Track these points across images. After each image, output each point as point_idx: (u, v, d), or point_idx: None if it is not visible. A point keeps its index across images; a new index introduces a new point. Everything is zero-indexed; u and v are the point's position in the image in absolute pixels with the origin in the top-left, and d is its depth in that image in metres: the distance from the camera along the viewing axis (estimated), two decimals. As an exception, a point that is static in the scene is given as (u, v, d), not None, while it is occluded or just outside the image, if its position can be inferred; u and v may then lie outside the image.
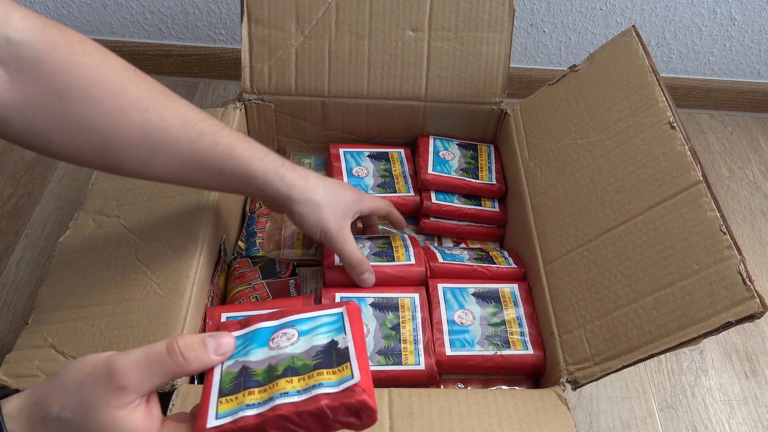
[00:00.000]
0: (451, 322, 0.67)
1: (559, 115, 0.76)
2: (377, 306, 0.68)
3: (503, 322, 0.68)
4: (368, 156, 0.86)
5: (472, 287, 0.71)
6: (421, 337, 0.66)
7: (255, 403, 0.38)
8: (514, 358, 0.66)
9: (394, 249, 0.72)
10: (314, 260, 0.76)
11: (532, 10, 1.10)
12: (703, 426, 0.79)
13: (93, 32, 1.13)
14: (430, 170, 0.82)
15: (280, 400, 0.37)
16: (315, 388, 0.38)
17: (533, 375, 0.68)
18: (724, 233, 0.54)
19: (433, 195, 0.81)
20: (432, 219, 0.81)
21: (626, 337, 0.57)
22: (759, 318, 0.50)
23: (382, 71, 0.82)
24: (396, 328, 0.66)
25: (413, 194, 0.82)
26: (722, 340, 0.88)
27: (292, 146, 0.90)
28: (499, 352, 0.66)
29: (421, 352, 0.65)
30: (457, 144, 0.88)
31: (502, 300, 0.70)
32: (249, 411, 0.38)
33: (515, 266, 0.74)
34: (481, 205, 0.83)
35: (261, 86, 0.82)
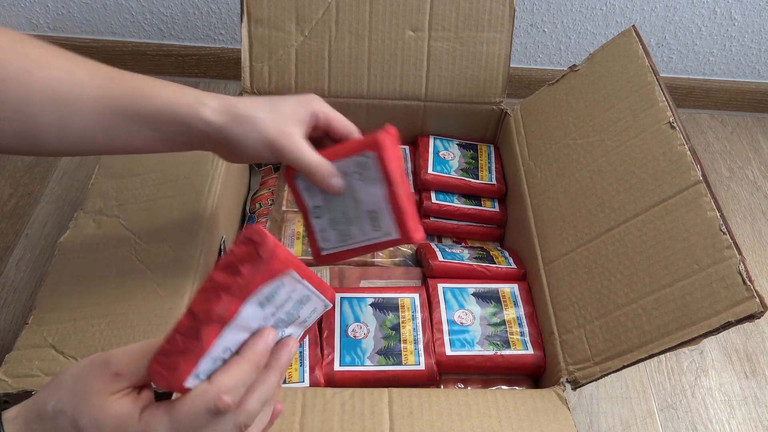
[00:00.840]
0: (451, 322, 0.67)
1: (559, 115, 0.76)
2: (377, 306, 0.68)
3: (503, 322, 0.68)
4: None
5: (472, 287, 0.71)
6: (421, 337, 0.66)
7: None
8: (514, 358, 0.66)
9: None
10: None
11: (532, 10, 1.10)
12: (703, 426, 0.79)
13: (93, 32, 1.13)
14: (430, 170, 0.82)
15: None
16: None
17: (533, 375, 0.68)
18: (724, 233, 0.54)
19: (433, 195, 0.81)
20: (432, 219, 0.81)
21: (626, 337, 0.57)
22: (759, 318, 0.50)
23: (382, 71, 0.82)
24: (396, 328, 0.66)
25: (413, 192, 0.83)
26: (722, 340, 0.88)
27: (292, 146, 0.90)
28: (499, 352, 0.66)
29: (421, 352, 0.65)
30: (457, 144, 0.88)
31: (502, 300, 0.70)
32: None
33: (515, 266, 0.74)
34: (481, 205, 0.83)
35: (261, 86, 0.82)
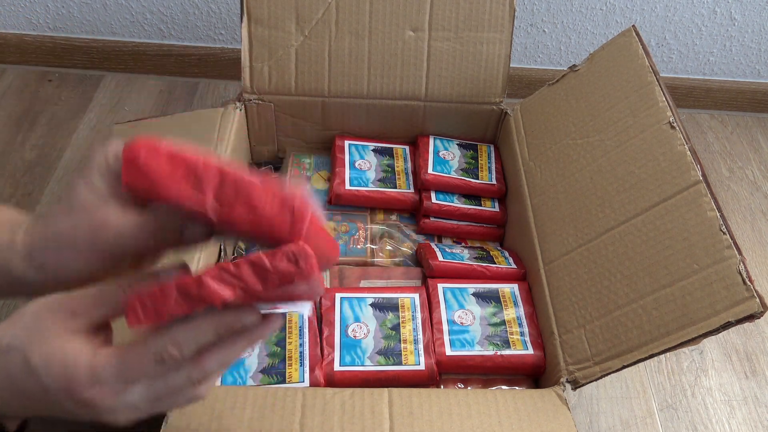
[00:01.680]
0: (451, 322, 0.67)
1: (559, 115, 0.76)
2: (377, 306, 0.68)
3: (503, 322, 0.68)
4: (373, 150, 0.86)
5: (472, 287, 0.71)
6: (421, 337, 0.66)
7: None
8: (514, 358, 0.66)
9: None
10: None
11: (532, 10, 1.10)
12: (703, 426, 0.79)
13: (93, 32, 1.13)
14: (430, 170, 0.82)
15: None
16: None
17: (533, 375, 0.68)
18: (724, 233, 0.54)
19: (433, 195, 0.81)
20: (432, 219, 0.81)
21: (626, 337, 0.57)
22: (759, 318, 0.50)
23: (382, 71, 0.82)
24: (396, 328, 0.66)
25: (413, 192, 0.83)
26: (722, 340, 0.88)
27: (292, 146, 0.90)
28: (499, 352, 0.66)
29: (421, 352, 0.65)
30: (457, 144, 0.88)
31: (502, 300, 0.70)
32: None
33: (515, 266, 0.74)
34: (481, 205, 0.83)
35: (261, 86, 0.82)
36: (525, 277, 0.74)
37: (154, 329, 0.34)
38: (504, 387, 0.66)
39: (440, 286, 0.70)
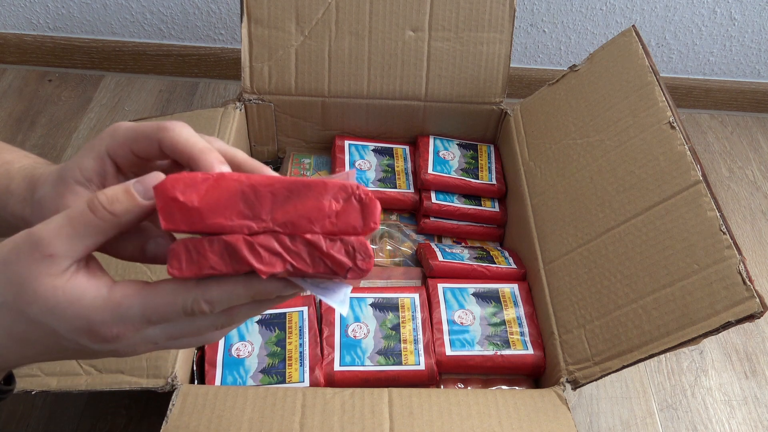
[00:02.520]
0: (451, 322, 0.67)
1: (559, 115, 0.76)
2: (377, 306, 0.68)
3: (503, 322, 0.68)
4: (373, 150, 0.86)
5: (472, 287, 0.71)
6: (421, 337, 0.66)
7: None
8: (514, 358, 0.66)
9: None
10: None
11: (532, 10, 1.10)
12: (703, 426, 0.79)
13: (93, 32, 1.13)
14: (430, 170, 0.82)
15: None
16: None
17: (533, 375, 0.68)
18: (724, 233, 0.54)
19: (433, 195, 0.81)
20: (432, 219, 0.81)
21: (626, 337, 0.57)
22: (759, 318, 0.50)
23: (382, 71, 0.82)
24: (396, 328, 0.66)
25: (413, 192, 0.83)
26: (722, 340, 0.88)
27: (292, 146, 0.90)
28: (499, 352, 0.66)
29: (421, 352, 0.65)
30: (457, 144, 0.88)
31: (502, 300, 0.70)
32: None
33: (515, 266, 0.74)
34: (481, 205, 0.83)
35: (261, 86, 0.82)
36: (525, 277, 0.74)
37: (184, 279, 0.32)
38: (504, 387, 0.66)
39: (440, 286, 0.70)
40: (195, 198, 0.31)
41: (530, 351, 0.66)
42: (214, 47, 1.15)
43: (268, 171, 0.36)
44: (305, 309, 0.66)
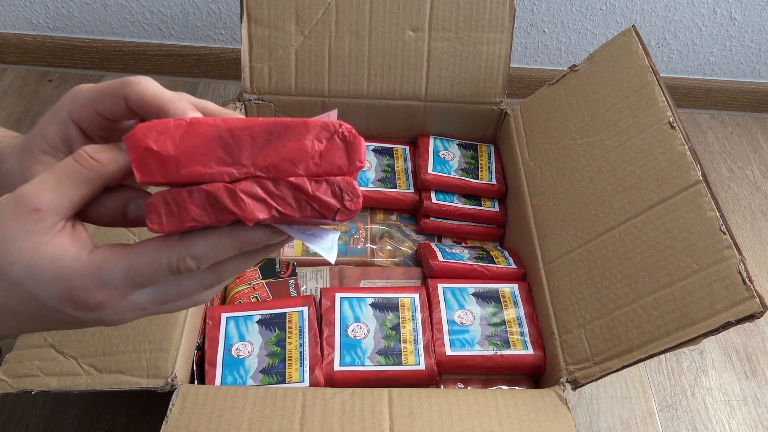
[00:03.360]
0: (451, 322, 0.67)
1: (559, 115, 0.76)
2: (377, 306, 0.68)
3: (503, 322, 0.68)
4: (372, 150, 0.86)
5: (472, 287, 0.71)
6: (421, 337, 0.66)
7: None
8: (514, 358, 0.66)
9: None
10: (314, 260, 0.76)
11: (532, 10, 1.10)
12: (703, 426, 0.79)
13: (93, 32, 1.13)
14: (430, 170, 0.82)
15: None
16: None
17: (533, 375, 0.68)
18: (724, 233, 0.54)
19: (433, 195, 0.81)
20: (432, 219, 0.81)
21: (626, 337, 0.57)
22: (759, 318, 0.50)
23: (382, 71, 0.82)
24: (396, 328, 0.66)
25: (413, 192, 0.83)
26: (722, 340, 0.88)
27: (292, 146, 0.90)
28: (499, 352, 0.66)
29: (421, 352, 0.65)
30: (457, 144, 0.88)
31: (502, 300, 0.70)
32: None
33: (515, 266, 0.74)
34: (481, 205, 0.83)
35: (261, 86, 0.82)
36: (525, 277, 0.74)
37: (166, 235, 0.30)
38: (504, 387, 0.66)
39: (440, 286, 0.70)
40: (169, 146, 0.29)
41: (530, 351, 0.66)
42: (214, 47, 1.15)
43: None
44: (305, 309, 0.66)
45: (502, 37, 0.81)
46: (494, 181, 0.83)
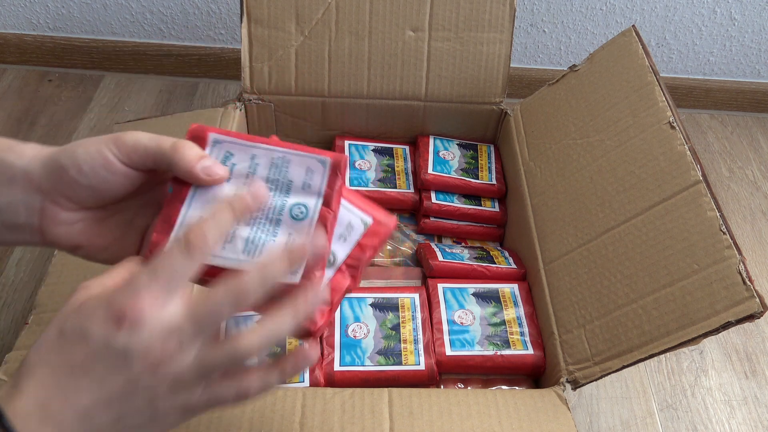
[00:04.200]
0: (451, 322, 0.67)
1: (559, 115, 0.76)
2: (377, 306, 0.68)
3: (503, 322, 0.68)
4: (373, 150, 0.86)
5: (472, 287, 0.71)
6: (421, 337, 0.66)
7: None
8: (514, 358, 0.66)
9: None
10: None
11: (532, 10, 1.10)
12: (703, 426, 0.79)
13: (93, 32, 1.13)
14: (430, 170, 0.82)
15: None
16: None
17: (533, 375, 0.68)
18: (724, 233, 0.54)
19: (433, 195, 0.81)
20: (432, 219, 0.81)
21: (626, 337, 0.57)
22: (759, 318, 0.50)
23: (382, 71, 0.82)
24: (396, 328, 0.66)
25: (413, 192, 0.83)
26: (722, 340, 0.88)
27: (292, 146, 0.90)
28: (499, 352, 0.66)
29: (421, 352, 0.65)
30: (457, 144, 0.88)
31: (502, 300, 0.70)
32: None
33: (515, 266, 0.74)
34: (481, 205, 0.83)
35: (261, 86, 0.82)
36: (525, 277, 0.74)
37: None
38: (504, 387, 0.66)
39: (440, 286, 0.70)
40: None
41: (530, 351, 0.66)
42: (214, 47, 1.15)
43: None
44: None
45: (502, 37, 0.81)
46: (494, 181, 0.83)
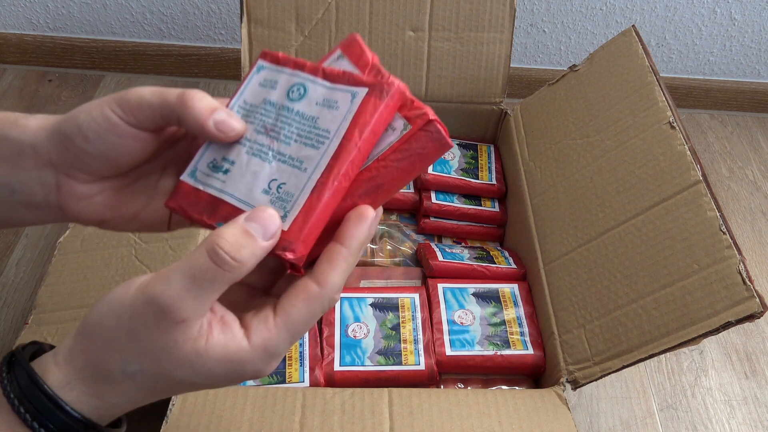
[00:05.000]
0: (451, 322, 0.67)
1: (559, 115, 0.76)
2: (377, 306, 0.68)
3: (503, 322, 0.68)
4: None
5: (472, 287, 0.71)
6: (421, 337, 0.66)
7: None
8: (514, 358, 0.66)
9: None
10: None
11: (532, 10, 1.10)
12: (703, 426, 0.79)
13: (93, 32, 1.13)
14: (430, 170, 0.82)
15: None
16: None
17: (533, 375, 0.68)
18: (724, 233, 0.54)
19: (433, 195, 0.81)
20: (432, 219, 0.81)
21: (626, 337, 0.57)
22: (759, 318, 0.50)
23: (382, 71, 0.82)
24: (396, 328, 0.66)
25: (413, 192, 0.83)
26: (722, 340, 0.88)
27: (292, 146, 0.90)
28: (499, 352, 0.66)
29: (421, 352, 0.65)
30: (457, 144, 0.88)
31: (502, 300, 0.70)
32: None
33: (515, 266, 0.74)
34: (481, 205, 0.83)
35: (261, 86, 0.82)
36: (525, 277, 0.74)
37: (303, 282, 0.33)
38: (504, 387, 0.66)
39: (440, 286, 0.70)
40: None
41: (530, 351, 0.66)
42: (214, 47, 1.15)
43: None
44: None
45: (502, 37, 0.81)
46: (494, 181, 0.83)
